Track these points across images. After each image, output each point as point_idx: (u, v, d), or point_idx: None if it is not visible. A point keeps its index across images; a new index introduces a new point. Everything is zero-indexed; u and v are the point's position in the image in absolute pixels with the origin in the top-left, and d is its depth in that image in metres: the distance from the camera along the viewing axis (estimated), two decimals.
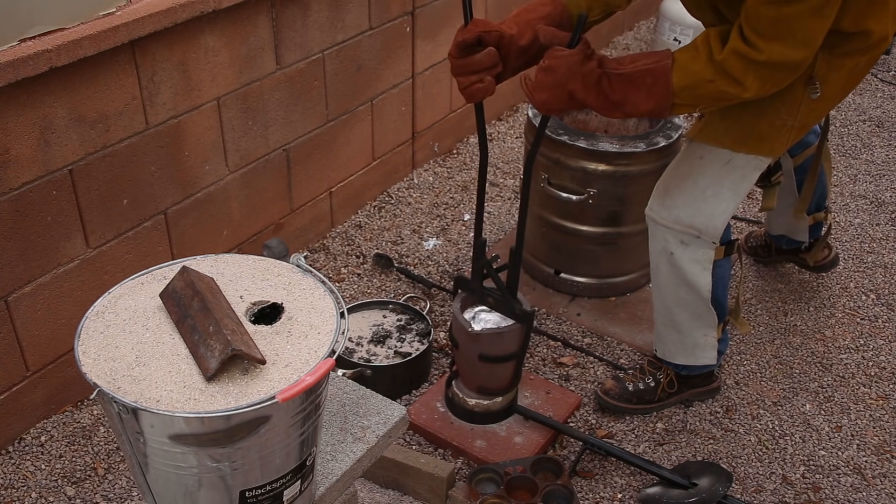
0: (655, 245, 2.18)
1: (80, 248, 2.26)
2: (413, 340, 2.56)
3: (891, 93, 4.29)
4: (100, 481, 2.18)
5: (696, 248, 2.11)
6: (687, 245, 2.11)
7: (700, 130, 2.05)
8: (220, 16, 2.39)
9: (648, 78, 1.77)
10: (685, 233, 2.09)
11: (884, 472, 2.29)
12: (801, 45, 1.69)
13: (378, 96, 3.14)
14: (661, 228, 2.13)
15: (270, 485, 1.33)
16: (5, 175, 2.02)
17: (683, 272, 2.14)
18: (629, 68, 1.79)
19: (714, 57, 1.72)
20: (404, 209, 3.29)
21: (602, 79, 1.78)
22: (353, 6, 2.85)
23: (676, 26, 4.13)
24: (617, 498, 2.20)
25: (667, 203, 2.10)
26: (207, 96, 2.46)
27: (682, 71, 1.75)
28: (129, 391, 1.21)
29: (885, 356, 2.66)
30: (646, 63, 1.78)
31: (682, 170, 2.10)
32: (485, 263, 2.11)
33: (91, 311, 1.36)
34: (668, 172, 2.15)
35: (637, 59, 1.80)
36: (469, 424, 2.33)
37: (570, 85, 1.78)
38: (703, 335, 2.28)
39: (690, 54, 1.76)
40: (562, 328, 2.73)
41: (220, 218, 2.66)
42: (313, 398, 1.31)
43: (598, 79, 1.78)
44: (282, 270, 1.48)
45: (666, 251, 2.14)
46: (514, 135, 3.83)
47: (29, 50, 1.93)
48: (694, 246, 2.11)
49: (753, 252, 3.03)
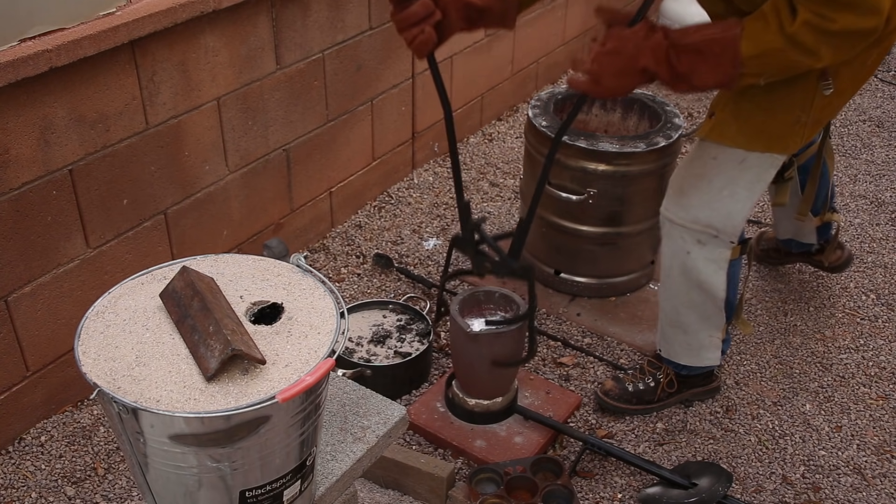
0: (671, 245, 2.16)
1: (80, 248, 2.26)
2: (413, 340, 2.56)
3: (891, 93, 4.29)
4: (100, 481, 2.18)
5: (712, 247, 2.10)
6: (704, 245, 2.10)
7: (711, 129, 2.03)
8: (220, 16, 2.39)
9: (716, 47, 1.73)
10: (703, 232, 2.08)
11: (884, 472, 2.29)
12: (870, 13, 1.65)
13: (378, 96, 3.14)
14: (677, 228, 2.12)
15: (270, 485, 1.33)
16: (5, 175, 2.02)
17: (698, 272, 2.14)
18: (696, 38, 1.75)
19: (785, 29, 1.68)
20: (404, 209, 3.29)
21: (669, 50, 1.76)
22: (353, 6, 2.85)
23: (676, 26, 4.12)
24: (617, 498, 2.20)
25: (683, 203, 2.09)
26: (207, 96, 2.46)
27: (751, 40, 1.71)
28: (129, 391, 1.21)
29: (885, 356, 2.66)
30: (713, 33, 1.75)
31: (695, 170, 2.08)
32: (473, 226, 2.03)
33: (91, 311, 1.36)
34: (680, 172, 2.13)
35: (703, 29, 1.77)
36: (469, 424, 2.33)
37: (642, 61, 1.75)
38: (708, 336, 2.28)
39: (760, 24, 1.71)
40: (562, 328, 2.73)
41: (220, 218, 2.66)
42: (313, 398, 1.31)
43: (665, 50, 1.75)
44: (282, 270, 1.48)
45: (682, 251, 2.13)
46: (514, 135, 3.83)
47: (29, 50, 1.93)
48: (711, 245, 2.10)
49: (765, 255, 2.99)
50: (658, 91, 4.25)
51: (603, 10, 1.79)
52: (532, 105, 2.78)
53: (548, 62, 4.18)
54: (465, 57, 3.54)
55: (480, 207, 3.32)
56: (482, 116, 3.84)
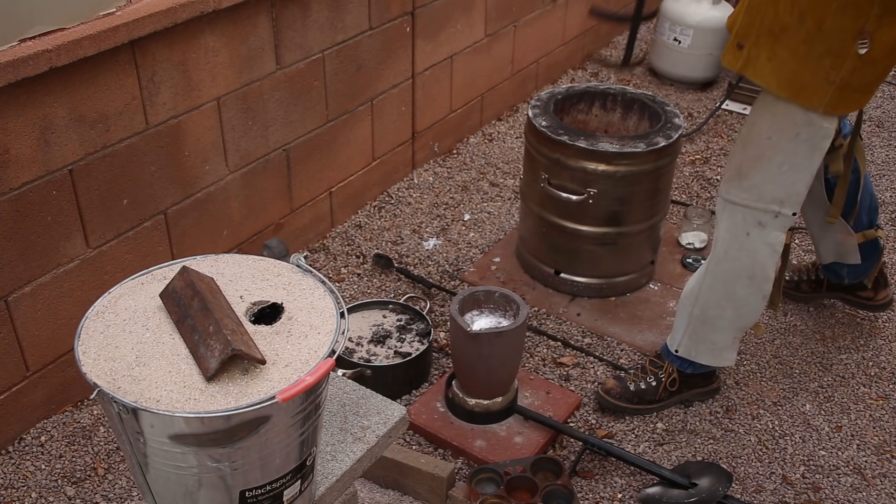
0: (732, 227, 2.18)
1: (80, 248, 2.26)
2: (413, 340, 2.56)
3: (891, 93, 4.29)
4: (100, 481, 2.18)
5: (771, 229, 2.14)
6: (764, 226, 2.14)
7: (746, 64, 2.04)
8: (220, 16, 2.39)
9: None
10: (766, 211, 2.12)
11: (884, 472, 2.29)
12: None
13: (378, 96, 3.14)
14: (739, 209, 2.15)
15: (270, 485, 1.33)
16: (5, 175, 2.02)
17: (755, 255, 2.17)
18: None
19: None
20: (404, 209, 3.29)
21: None
22: (353, 6, 2.85)
23: (676, 26, 4.13)
24: (617, 498, 2.20)
25: (744, 185, 2.13)
26: (207, 96, 2.46)
27: None
28: (129, 391, 1.21)
29: (885, 356, 2.66)
30: None
31: (751, 152, 2.11)
32: None
33: (91, 311, 1.36)
34: (737, 155, 2.16)
35: None
36: (469, 424, 2.33)
37: None
38: (734, 337, 2.30)
39: None
40: (562, 328, 2.73)
41: (220, 218, 2.66)
42: (313, 398, 1.31)
43: None
44: (282, 270, 1.48)
45: (742, 233, 2.16)
46: (514, 135, 3.83)
47: (29, 50, 1.93)
48: (770, 227, 2.14)
49: (795, 287, 2.82)
50: (658, 91, 4.25)
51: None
52: (532, 105, 2.78)
53: (548, 62, 4.18)
54: (465, 57, 3.54)
55: (480, 207, 3.32)
56: (482, 116, 3.84)
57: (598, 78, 4.37)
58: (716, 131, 3.91)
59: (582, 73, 4.40)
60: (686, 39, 4.12)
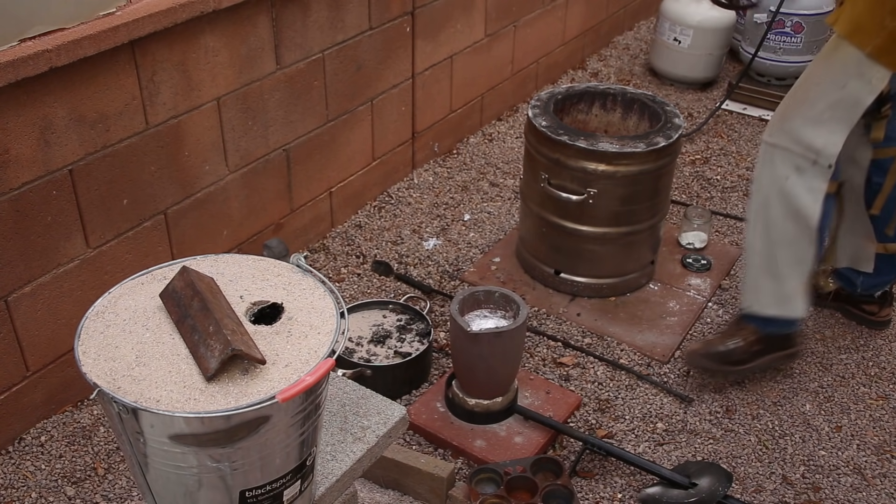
0: (772, 171, 2.24)
1: (80, 248, 2.26)
2: (413, 340, 2.56)
3: None
4: (100, 481, 2.18)
5: (811, 176, 2.18)
6: (802, 172, 2.19)
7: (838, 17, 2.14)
8: (220, 16, 2.39)
9: None
10: (803, 156, 2.17)
11: (884, 472, 2.29)
12: None
13: (378, 96, 3.14)
14: (779, 152, 2.21)
15: (270, 485, 1.33)
16: (5, 175, 2.02)
17: (796, 200, 2.21)
18: None
19: None
20: (404, 209, 3.29)
21: None
22: (353, 6, 2.85)
23: (676, 26, 4.13)
24: (617, 498, 2.20)
25: (785, 127, 2.20)
26: (207, 96, 2.46)
27: None
28: (129, 391, 1.21)
29: (885, 356, 2.66)
30: None
31: (799, 96, 2.19)
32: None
33: (91, 311, 1.36)
34: (785, 100, 2.25)
35: None
36: (469, 424, 2.33)
37: None
38: (797, 283, 2.32)
39: None
40: (562, 328, 2.73)
41: (220, 218, 2.66)
42: (313, 398, 1.31)
43: None
44: (282, 270, 1.48)
45: (782, 176, 2.22)
46: (514, 135, 3.83)
47: (29, 50, 1.93)
48: (809, 174, 2.18)
49: None
50: (658, 91, 4.25)
51: None
52: (532, 105, 2.78)
53: (548, 62, 4.18)
54: (465, 57, 3.54)
55: (480, 207, 3.32)
56: (482, 116, 3.84)
57: (597, 78, 4.38)
58: (716, 131, 3.91)
59: (582, 73, 4.40)
60: (686, 39, 4.12)
